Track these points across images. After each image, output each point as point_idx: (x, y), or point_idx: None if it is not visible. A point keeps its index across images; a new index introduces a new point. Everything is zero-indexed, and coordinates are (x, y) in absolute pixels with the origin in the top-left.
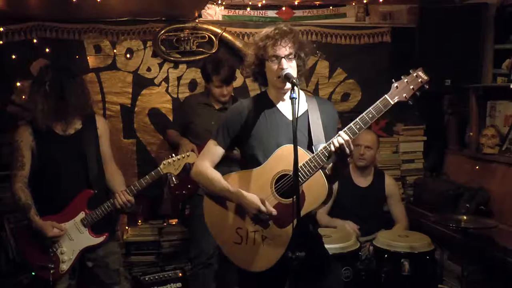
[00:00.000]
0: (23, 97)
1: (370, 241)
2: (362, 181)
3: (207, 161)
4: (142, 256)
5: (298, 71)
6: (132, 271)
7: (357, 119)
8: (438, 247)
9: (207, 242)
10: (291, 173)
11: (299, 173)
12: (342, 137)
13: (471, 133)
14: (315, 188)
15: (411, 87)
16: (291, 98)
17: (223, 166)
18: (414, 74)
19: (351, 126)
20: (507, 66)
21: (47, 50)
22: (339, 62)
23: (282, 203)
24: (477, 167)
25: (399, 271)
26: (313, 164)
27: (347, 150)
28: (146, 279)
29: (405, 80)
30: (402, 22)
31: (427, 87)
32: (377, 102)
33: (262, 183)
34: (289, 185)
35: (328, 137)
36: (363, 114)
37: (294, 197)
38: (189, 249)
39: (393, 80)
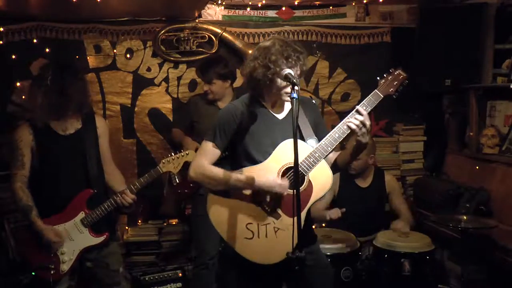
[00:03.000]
0: (23, 97)
1: (370, 241)
2: (362, 181)
3: (205, 161)
4: (142, 256)
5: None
6: (132, 271)
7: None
8: (438, 247)
9: (208, 242)
10: None
11: (305, 164)
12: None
13: (471, 133)
14: (321, 177)
15: (395, 83)
16: (292, 98)
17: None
18: (396, 72)
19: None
20: (507, 66)
21: (47, 50)
22: (339, 62)
23: (291, 194)
24: (477, 167)
25: (399, 271)
26: (317, 154)
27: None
28: (146, 279)
29: (389, 77)
30: (402, 22)
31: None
32: (369, 96)
33: (268, 177)
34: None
35: (319, 131)
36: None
37: (300, 187)
38: (191, 249)
39: (378, 78)
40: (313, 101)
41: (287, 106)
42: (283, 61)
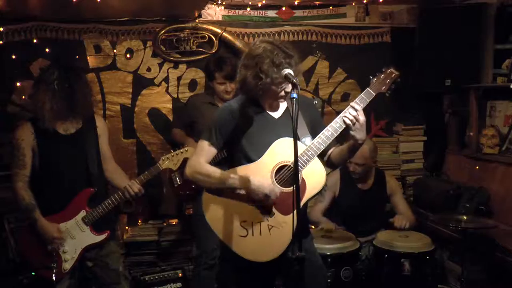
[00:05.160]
0: (23, 97)
1: (370, 241)
2: (364, 184)
3: (201, 159)
4: (142, 256)
5: None
6: (132, 271)
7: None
8: (438, 247)
9: (209, 242)
10: (289, 163)
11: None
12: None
13: (471, 133)
14: (315, 175)
15: (387, 81)
16: (291, 98)
17: None
18: (388, 71)
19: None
20: (507, 66)
21: (47, 50)
22: (339, 62)
23: (284, 192)
24: (477, 167)
25: (399, 271)
26: (310, 153)
27: (358, 122)
28: (146, 279)
29: (381, 76)
30: (402, 22)
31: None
32: (361, 94)
33: (262, 175)
34: (289, 175)
35: (315, 130)
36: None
37: (295, 186)
38: (191, 249)
39: (370, 76)
40: (315, 101)
41: (283, 105)
42: (274, 70)
